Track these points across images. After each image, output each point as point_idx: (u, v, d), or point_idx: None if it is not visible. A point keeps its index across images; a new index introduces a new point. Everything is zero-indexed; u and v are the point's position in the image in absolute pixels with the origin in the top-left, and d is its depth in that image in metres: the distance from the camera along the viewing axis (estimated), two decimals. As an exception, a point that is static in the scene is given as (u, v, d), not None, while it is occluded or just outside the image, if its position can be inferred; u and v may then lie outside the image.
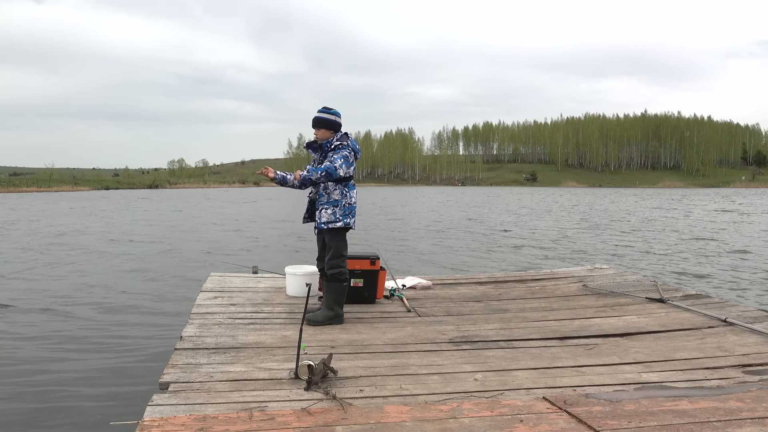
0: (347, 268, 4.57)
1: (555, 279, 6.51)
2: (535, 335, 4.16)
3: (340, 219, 4.44)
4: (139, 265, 10.90)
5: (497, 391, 3.02)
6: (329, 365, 3.15)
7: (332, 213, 4.44)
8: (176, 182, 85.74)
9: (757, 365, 3.44)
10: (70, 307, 7.28)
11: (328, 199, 4.47)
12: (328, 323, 4.41)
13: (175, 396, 2.87)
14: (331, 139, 4.50)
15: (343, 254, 4.53)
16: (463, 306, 5.17)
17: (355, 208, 4.53)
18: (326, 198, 4.48)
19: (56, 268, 10.40)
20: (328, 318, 4.43)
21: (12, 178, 73.78)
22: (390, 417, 2.64)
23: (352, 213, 4.51)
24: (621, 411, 2.72)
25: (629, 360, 3.57)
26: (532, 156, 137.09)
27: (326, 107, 4.53)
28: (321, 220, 4.47)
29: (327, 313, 4.45)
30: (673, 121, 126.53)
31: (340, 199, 4.44)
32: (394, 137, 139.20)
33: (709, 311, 4.75)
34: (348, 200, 4.47)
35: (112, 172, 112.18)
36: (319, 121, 4.48)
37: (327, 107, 4.53)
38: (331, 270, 4.49)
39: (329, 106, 4.53)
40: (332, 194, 4.46)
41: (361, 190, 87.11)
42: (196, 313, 4.63)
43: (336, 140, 4.48)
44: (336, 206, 4.44)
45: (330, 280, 4.49)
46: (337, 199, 4.44)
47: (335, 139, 4.49)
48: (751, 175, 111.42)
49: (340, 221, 4.44)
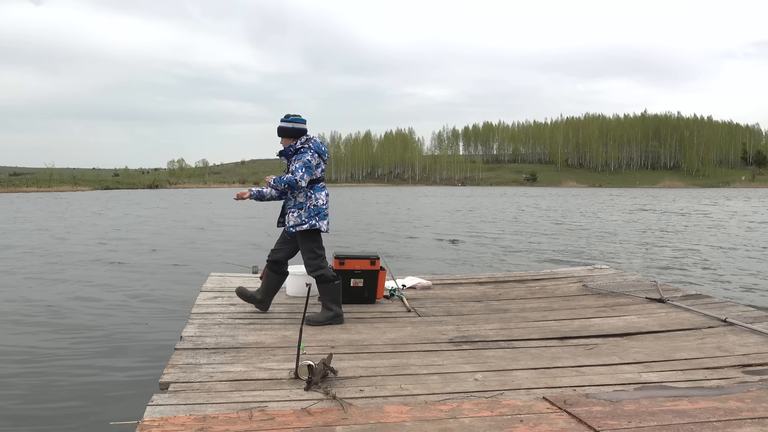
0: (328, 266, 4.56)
1: (555, 279, 6.52)
2: (535, 335, 4.17)
3: (306, 221, 4.46)
4: (139, 265, 10.90)
5: (497, 391, 3.02)
6: (329, 365, 3.15)
7: (297, 216, 4.48)
8: (176, 182, 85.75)
9: (757, 365, 3.45)
10: (70, 307, 7.28)
11: (294, 203, 4.52)
12: (328, 323, 4.42)
13: (175, 396, 2.87)
14: (294, 143, 4.55)
15: (317, 253, 4.52)
16: (463, 306, 5.17)
17: (323, 210, 4.53)
18: (292, 202, 4.53)
19: (56, 268, 10.40)
20: (328, 318, 4.44)
21: (12, 178, 73.79)
22: (390, 417, 2.64)
23: (319, 215, 4.50)
24: (621, 411, 2.72)
25: (629, 360, 3.57)
26: (532, 156, 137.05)
27: (287, 115, 4.56)
28: (289, 223, 4.53)
29: (326, 313, 4.47)
30: (673, 121, 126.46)
31: (305, 202, 4.47)
32: (394, 137, 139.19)
33: (709, 311, 4.76)
34: (313, 202, 4.48)
35: (112, 172, 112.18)
36: (280, 130, 4.55)
37: (288, 115, 4.56)
38: (313, 273, 4.53)
39: (291, 114, 4.56)
40: (297, 197, 4.50)
41: (362, 189, 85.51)
42: (196, 313, 4.64)
43: (298, 144, 4.53)
44: (301, 209, 4.48)
45: (319, 281, 4.52)
46: (301, 201, 4.48)
47: (298, 143, 4.53)
48: (751, 175, 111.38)
49: (306, 223, 4.46)
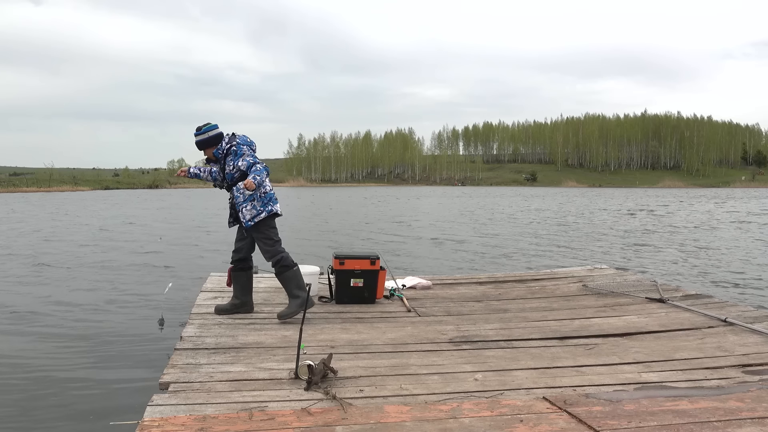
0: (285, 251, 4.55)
1: (555, 279, 6.52)
2: (535, 335, 4.17)
3: (262, 209, 4.48)
4: (139, 264, 10.91)
5: (497, 391, 3.02)
6: (329, 365, 3.16)
7: (252, 207, 4.47)
8: (176, 182, 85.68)
9: (757, 365, 3.45)
10: (69, 307, 7.27)
11: (244, 198, 4.49)
12: (299, 310, 4.34)
13: (175, 396, 2.87)
14: (219, 147, 4.55)
15: (274, 239, 4.52)
16: (463, 306, 5.17)
17: (272, 194, 4.55)
18: (242, 197, 4.50)
19: (54, 268, 10.40)
20: (299, 305, 4.38)
21: (12, 178, 73.72)
22: (390, 417, 2.65)
23: (272, 200, 4.53)
24: (621, 411, 2.72)
25: (629, 360, 3.58)
26: (532, 156, 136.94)
27: (198, 128, 4.57)
28: (246, 219, 4.50)
29: (295, 302, 4.44)
30: (673, 121, 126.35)
31: (254, 193, 4.46)
32: (394, 137, 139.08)
33: (709, 311, 4.76)
34: (263, 189, 4.49)
35: (112, 172, 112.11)
36: (200, 144, 4.55)
37: (198, 128, 4.57)
38: (272, 260, 4.51)
39: (200, 125, 4.58)
40: (245, 191, 4.47)
41: (363, 189, 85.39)
42: (196, 313, 4.64)
43: (225, 145, 4.53)
44: (253, 200, 4.48)
45: (279, 271, 4.50)
46: (249, 194, 4.47)
47: (224, 144, 4.53)
48: (751, 175, 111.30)
49: (263, 211, 4.47)
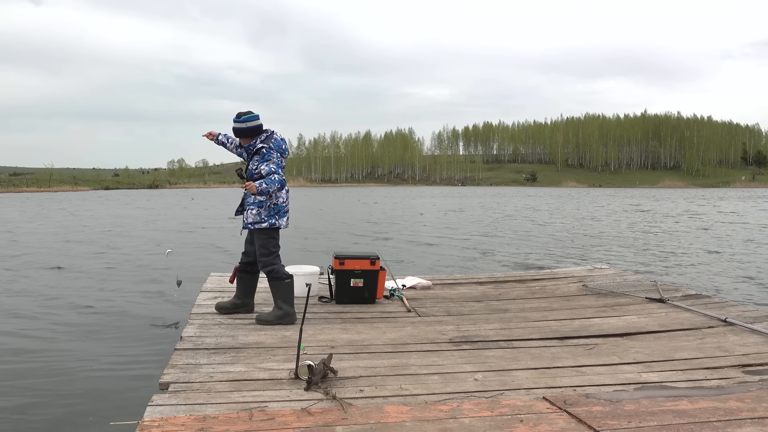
0: (281, 264, 4.51)
1: (555, 279, 6.52)
2: (535, 335, 4.17)
3: (265, 220, 4.43)
4: (138, 264, 10.90)
5: (497, 391, 3.02)
6: (329, 365, 3.16)
7: (257, 214, 4.43)
8: (176, 182, 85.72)
9: (757, 365, 3.45)
10: (69, 307, 7.27)
11: (254, 200, 4.44)
12: (278, 323, 4.34)
13: (175, 396, 2.87)
14: (254, 142, 4.45)
15: (271, 251, 4.47)
16: (463, 306, 5.17)
17: (283, 208, 4.49)
18: (252, 198, 4.44)
19: (54, 268, 10.40)
20: (278, 317, 4.37)
21: (12, 178, 73.67)
22: (390, 417, 2.65)
23: (279, 213, 4.47)
24: (621, 411, 2.72)
25: (629, 360, 3.58)
26: (532, 156, 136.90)
27: (239, 114, 4.43)
28: (248, 220, 4.48)
29: (276, 312, 4.41)
30: (673, 121, 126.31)
31: (265, 200, 4.42)
32: (394, 137, 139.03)
33: (709, 311, 4.76)
34: (274, 201, 4.44)
35: (112, 172, 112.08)
36: (236, 132, 4.46)
37: (239, 114, 4.43)
38: (264, 269, 4.47)
39: (242, 112, 4.44)
40: (258, 195, 4.40)
41: (362, 189, 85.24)
42: (196, 313, 4.64)
43: (259, 143, 4.43)
44: (261, 207, 4.43)
45: (270, 279, 4.47)
46: (261, 200, 4.42)
47: (258, 142, 4.43)
48: (750, 175, 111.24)
49: (265, 222, 4.43)
